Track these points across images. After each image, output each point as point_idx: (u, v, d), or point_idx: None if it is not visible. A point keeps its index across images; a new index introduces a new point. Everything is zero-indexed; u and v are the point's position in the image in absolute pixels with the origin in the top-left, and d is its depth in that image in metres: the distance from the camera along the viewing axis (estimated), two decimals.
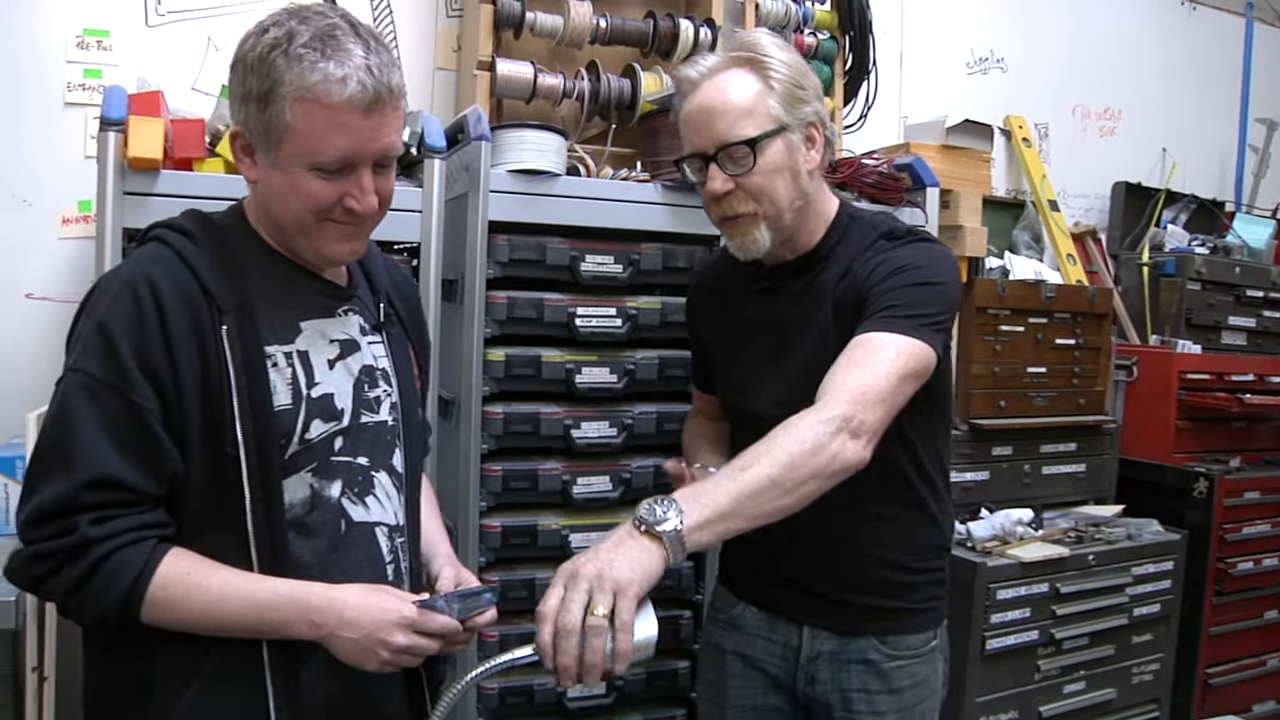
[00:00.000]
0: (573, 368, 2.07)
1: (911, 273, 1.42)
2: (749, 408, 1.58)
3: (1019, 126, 3.35)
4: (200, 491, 1.14)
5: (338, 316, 1.27)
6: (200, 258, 1.17)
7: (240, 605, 1.12)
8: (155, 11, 2.29)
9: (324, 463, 1.21)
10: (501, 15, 2.26)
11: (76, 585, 1.08)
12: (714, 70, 1.47)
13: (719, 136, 1.44)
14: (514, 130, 2.04)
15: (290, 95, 1.10)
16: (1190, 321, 3.21)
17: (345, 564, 1.22)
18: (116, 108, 1.75)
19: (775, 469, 1.20)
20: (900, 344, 1.34)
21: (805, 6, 2.70)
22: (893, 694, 1.56)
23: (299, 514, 1.19)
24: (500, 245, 2.00)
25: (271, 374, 1.16)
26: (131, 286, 1.12)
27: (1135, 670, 2.72)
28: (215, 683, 1.14)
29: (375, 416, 1.27)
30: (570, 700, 2.08)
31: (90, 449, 1.08)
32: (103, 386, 1.09)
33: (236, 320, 1.15)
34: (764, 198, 1.45)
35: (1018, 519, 2.59)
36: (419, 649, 1.16)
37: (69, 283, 2.24)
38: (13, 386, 2.15)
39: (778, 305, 1.58)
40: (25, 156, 2.21)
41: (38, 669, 1.55)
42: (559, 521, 2.06)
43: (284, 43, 1.10)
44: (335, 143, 1.12)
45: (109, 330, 1.10)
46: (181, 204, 1.73)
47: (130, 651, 1.15)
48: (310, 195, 1.15)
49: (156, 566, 1.10)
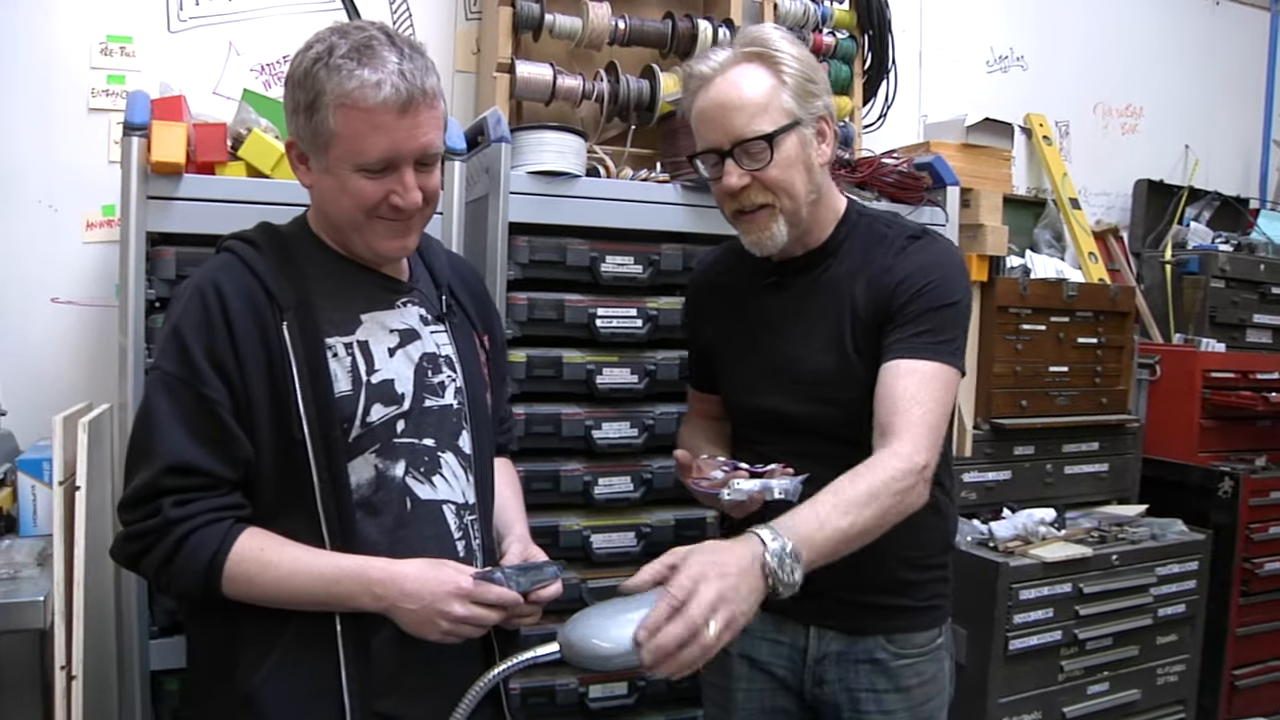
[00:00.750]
0: (594, 368, 2.07)
1: (936, 292, 1.46)
2: (767, 405, 1.58)
3: (1039, 124, 3.33)
4: (272, 476, 1.24)
5: (397, 308, 1.36)
6: (263, 263, 1.27)
7: (308, 579, 1.21)
8: (177, 17, 2.31)
9: (387, 444, 1.29)
10: (520, 17, 2.26)
11: (163, 562, 1.19)
12: (726, 65, 1.47)
13: (735, 132, 1.44)
14: (534, 132, 2.04)
15: (332, 103, 1.20)
16: (1214, 320, 3.19)
17: (412, 540, 1.29)
18: (140, 113, 1.76)
19: (875, 522, 1.27)
20: (945, 376, 1.42)
21: (824, 6, 2.69)
22: (900, 692, 1.56)
23: (365, 494, 1.27)
24: (521, 246, 2.01)
25: (332, 363, 1.26)
26: (201, 293, 1.24)
27: (1160, 671, 2.70)
28: (292, 652, 1.24)
29: (440, 400, 1.35)
30: (592, 701, 2.08)
31: (169, 439, 1.20)
32: (178, 382, 1.21)
33: (297, 316, 1.25)
34: (781, 191, 1.46)
35: (1040, 519, 2.57)
36: (478, 619, 1.22)
37: (94, 286, 2.26)
38: (39, 390, 2.17)
39: (786, 300, 1.58)
40: (50, 162, 2.23)
41: (66, 667, 1.56)
42: (580, 522, 2.07)
43: (325, 56, 1.20)
44: (375, 143, 1.21)
45: (182, 332, 1.22)
46: (204, 207, 1.78)
47: (218, 624, 1.26)
48: (358, 194, 1.24)
49: (232, 544, 1.20)
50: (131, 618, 1.77)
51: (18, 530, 1.86)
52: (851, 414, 1.47)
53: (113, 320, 2.10)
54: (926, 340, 1.42)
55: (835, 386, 1.51)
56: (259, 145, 1.88)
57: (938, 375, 1.41)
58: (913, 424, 1.35)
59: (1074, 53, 3.49)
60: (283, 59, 2.38)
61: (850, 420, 1.47)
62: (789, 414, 1.55)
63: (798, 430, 1.54)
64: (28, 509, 1.86)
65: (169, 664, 1.80)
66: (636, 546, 2.10)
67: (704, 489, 1.48)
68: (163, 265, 1.78)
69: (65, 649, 1.57)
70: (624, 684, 2.11)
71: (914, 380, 1.39)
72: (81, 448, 1.70)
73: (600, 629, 1.12)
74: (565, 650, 1.12)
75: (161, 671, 1.80)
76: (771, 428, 1.57)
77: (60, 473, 1.69)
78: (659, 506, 2.15)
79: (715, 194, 1.53)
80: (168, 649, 1.80)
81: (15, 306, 2.21)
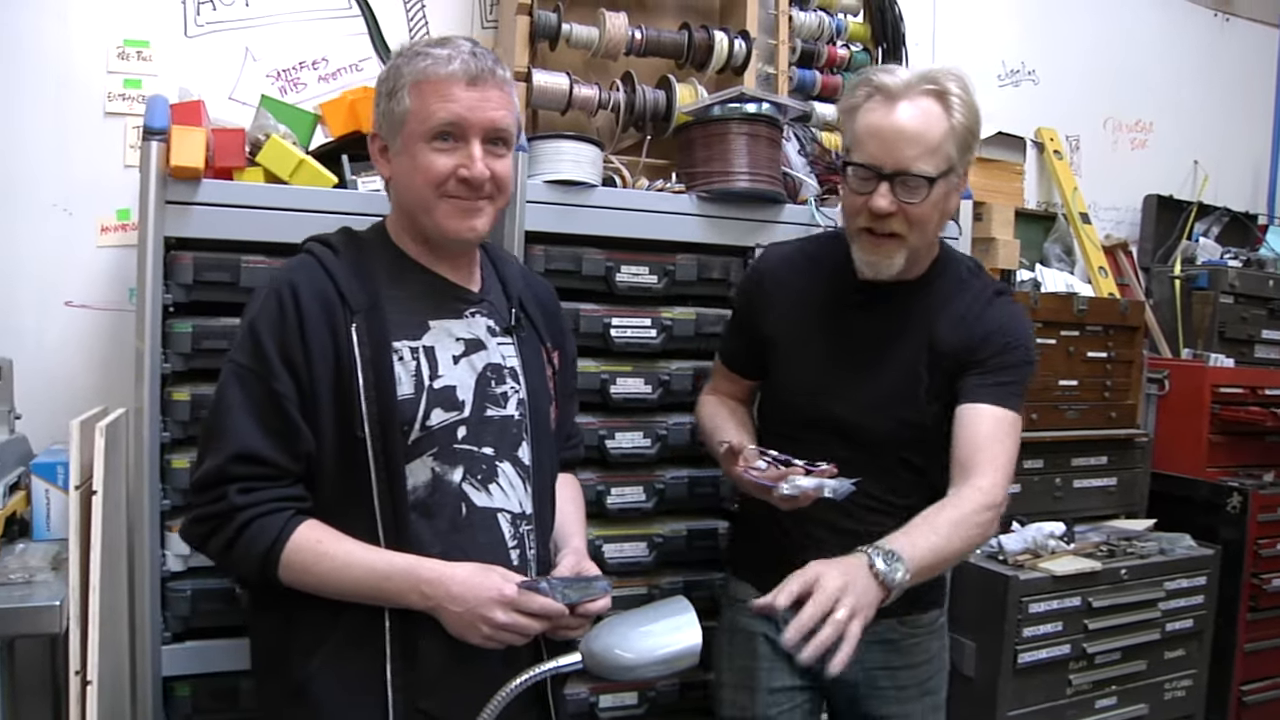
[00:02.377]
0: (607, 378, 2.07)
1: (1022, 351, 1.61)
2: (827, 410, 1.67)
3: (1050, 139, 3.33)
4: (333, 472, 1.29)
5: (465, 318, 1.41)
6: (338, 266, 1.33)
7: (361, 573, 1.26)
8: (194, 22, 2.31)
9: (445, 449, 1.33)
10: (538, 27, 2.26)
11: (227, 546, 1.26)
12: (911, 89, 1.51)
13: (904, 163, 1.49)
14: (550, 141, 2.05)
15: (407, 84, 1.30)
16: (1223, 335, 3.20)
17: (466, 545, 1.33)
18: (159, 117, 1.76)
19: (962, 546, 1.42)
20: (1018, 425, 1.57)
21: (839, 19, 2.69)
22: (911, 668, 1.73)
23: (421, 496, 1.32)
24: (537, 255, 2.01)
25: (396, 366, 1.31)
26: (277, 291, 1.30)
27: (1168, 686, 2.70)
28: (342, 647, 1.29)
29: (501, 411, 1.40)
30: (603, 710, 2.08)
31: (238, 428, 1.26)
32: (250, 375, 1.27)
33: (366, 319, 1.30)
34: (918, 228, 1.55)
35: (1049, 532, 2.57)
36: (520, 627, 1.25)
37: (108, 291, 2.26)
38: (54, 394, 2.16)
39: (868, 320, 1.66)
40: (65, 166, 2.22)
41: (81, 673, 1.56)
42: (594, 532, 2.05)
43: (406, 50, 1.34)
44: (443, 108, 1.29)
45: (257, 328, 1.29)
46: (221, 213, 1.79)
47: (274, 616, 1.33)
48: (428, 168, 1.30)
49: (291, 534, 1.26)
50: (144, 623, 1.76)
51: (31, 534, 1.87)
52: (905, 435, 1.62)
53: (127, 324, 2.10)
54: (1009, 390, 1.57)
55: (899, 408, 1.62)
56: (277, 151, 1.88)
57: (1014, 423, 1.56)
58: (994, 464, 1.50)
59: (1085, 67, 3.49)
60: (299, 65, 2.38)
61: (898, 439, 1.62)
62: (847, 423, 1.64)
63: (849, 440, 1.63)
64: (41, 513, 1.87)
65: (181, 670, 1.79)
66: (649, 556, 2.09)
67: (757, 479, 1.53)
68: (180, 270, 1.77)
69: (80, 654, 1.56)
70: (634, 694, 2.10)
71: (996, 425, 1.53)
72: (99, 452, 1.70)
73: (623, 640, 1.13)
74: (588, 660, 1.13)
75: (173, 677, 1.79)
76: (823, 431, 1.66)
77: (77, 477, 1.69)
78: (671, 517, 2.14)
79: (849, 205, 1.60)
80: (180, 655, 1.79)
81: (30, 310, 2.21)
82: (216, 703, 1.81)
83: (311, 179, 1.89)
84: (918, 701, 1.74)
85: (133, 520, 1.84)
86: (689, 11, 2.54)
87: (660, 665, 1.12)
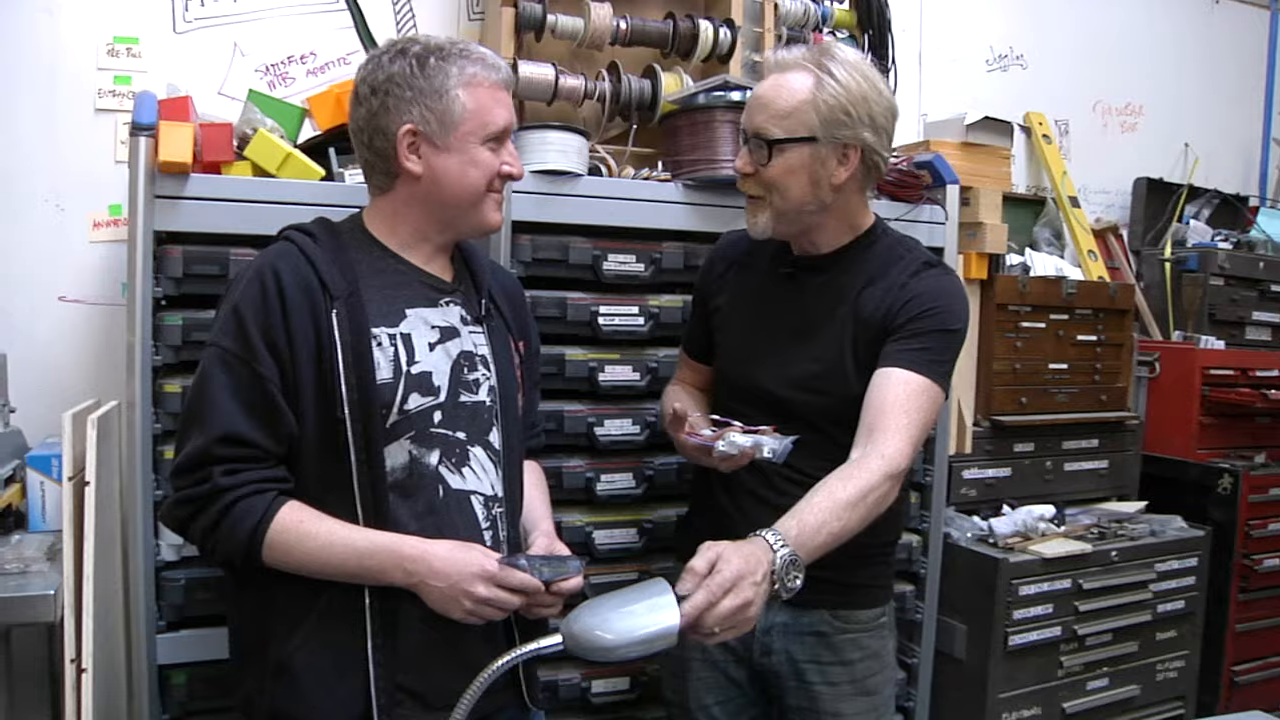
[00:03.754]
0: (596, 366, 2.09)
1: (943, 316, 1.59)
2: (754, 382, 1.69)
3: (1039, 123, 3.35)
4: (314, 453, 1.33)
5: (440, 307, 1.44)
6: (318, 253, 1.36)
7: (343, 551, 1.29)
8: (183, 18, 2.33)
9: (422, 433, 1.37)
10: (523, 18, 2.27)
11: (210, 528, 1.28)
12: (783, 66, 1.59)
13: (755, 126, 1.58)
14: (536, 131, 2.06)
15: (460, 85, 1.36)
16: (1213, 317, 3.21)
17: (442, 526, 1.36)
18: (147, 113, 1.78)
19: (853, 522, 1.39)
20: (933, 393, 1.54)
21: (824, 6, 2.69)
22: (845, 665, 1.68)
23: (399, 477, 1.35)
24: (523, 245, 2.03)
25: (375, 351, 1.34)
26: (260, 276, 1.33)
27: (1160, 667, 2.72)
28: (324, 624, 1.32)
29: (474, 397, 1.44)
30: (595, 695, 2.10)
31: (222, 410, 1.28)
32: (234, 358, 1.30)
33: (346, 305, 1.33)
34: (773, 191, 1.59)
35: (1039, 515, 2.59)
36: (499, 601, 1.29)
37: (100, 285, 2.28)
38: (47, 387, 2.19)
39: (796, 294, 1.69)
40: (57, 162, 2.25)
41: (76, 660, 1.58)
42: (583, 518, 2.08)
43: (432, 52, 1.37)
44: (500, 114, 1.39)
45: (241, 312, 1.31)
46: (210, 206, 1.81)
47: (256, 593, 1.35)
48: (486, 165, 1.39)
49: (275, 515, 1.28)
50: (139, 612, 1.79)
51: (27, 526, 1.89)
52: (834, 406, 1.60)
53: (119, 318, 2.11)
54: (925, 357, 1.54)
55: (825, 379, 1.62)
56: (265, 145, 1.90)
57: (927, 390, 1.52)
58: (899, 430, 1.47)
59: (1073, 52, 3.50)
60: (287, 59, 2.40)
61: (831, 412, 1.60)
62: (777, 396, 1.66)
63: (780, 412, 1.63)
64: (36, 505, 1.89)
65: (176, 658, 1.82)
66: (638, 542, 2.12)
67: (696, 442, 1.58)
68: (170, 264, 1.80)
69: (75, 642, 1.59)
70: (626, 678, 2.13)
71: (905, 390, 1.51)
72: (91, 444, 1.72)
73: (604, 621, 1.14)
74: (569, 642, 1.14)
75: (168, 665, 1.83)
76: (756, 404, 1.67)
77: (69, 468, 1.71)
78: (661, 503, 2.16)
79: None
80: (175, 643, 1.82)
81: (23, 305, 2.24)
82: (211, 690, 1.84)
83: (299, 172, 1.91)
84: (851, 700, 1.68)
85: (126, 511, 1.87)
86: (674, 0, 2.55)
87: (640, 645, 1.14)
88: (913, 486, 2.41)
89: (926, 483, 2.41)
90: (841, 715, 1.68)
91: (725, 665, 1.74)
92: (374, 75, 1.37)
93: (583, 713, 2.12)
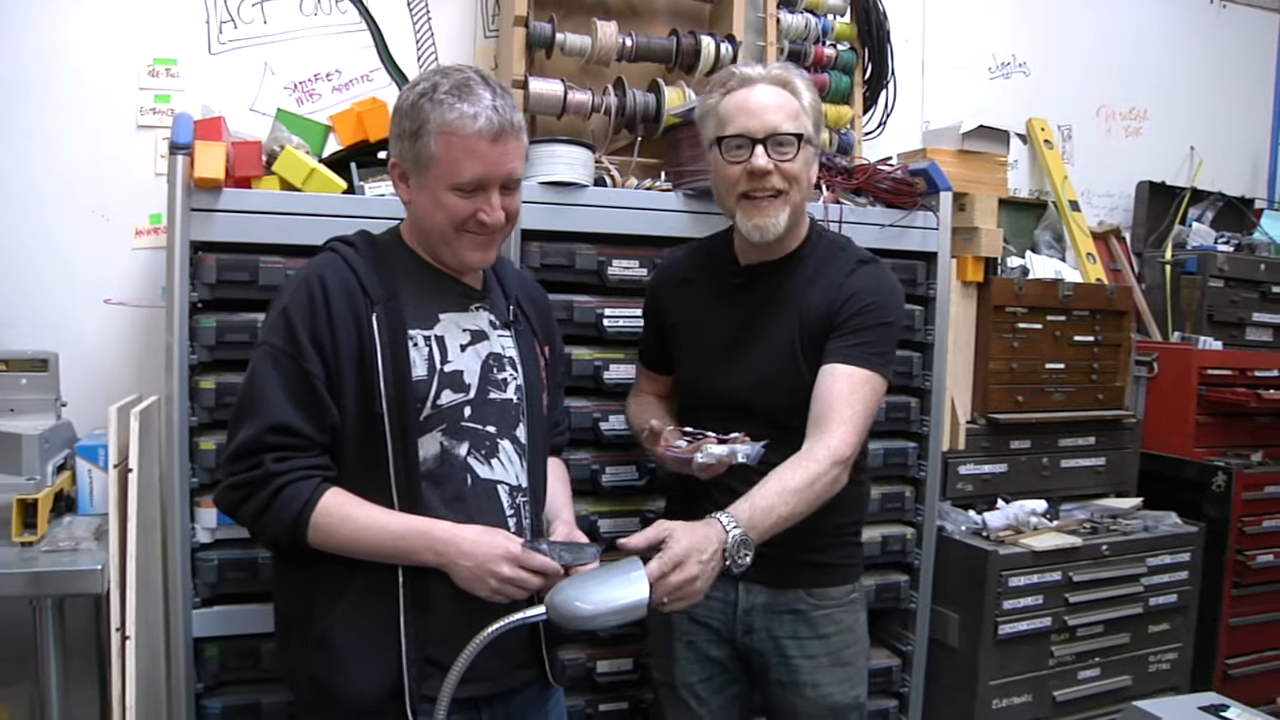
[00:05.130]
0: (601, 364, 2.21)
1: (879, 311, 1.71)
2: (719, 388, 1.80)
3: (1041, 129, 3.41)
4: (355, 443, 1.44)
5: (470, 311, 1.56)
6: (359, 262, 1.48)
7: (380, 534, 1.40)
8: (217, 40, 2.48)
9: (453, 426, 1.48)
10: (534, 36, 2.40)
11: (260, 511, 1.39)
12: (764, 77, 1.72)
13: (773, 125, 1.68)
14: (545, 145, 2.17)
15: (434, 131, 1.41)
16: (1212, 318, 3.25)
17: (471, 512, 1.47)
18: (184, 133, 1.92)
19: (801, 506, 1.53)
20: (874, 383, 1.68)
21: (825, 19, 2.80)
22: (821, 639, 1.81)
23: (431, 466, 1.47)
24: (533, 251, 2.15)
25: (411, 351, 1.45)
26: (308, 283, 1.44)
27: (1152, 659, 2.78)
28: (360, 600, 1.43)
29: (502, 394, 1.55)
30: (600, 675, 2.22)
31: (273, 402, 1.39)
32: (283, 355, 1.41)
33: (385, 309, 1.45)
34: (794, 183, 1.70)
35: (1031, 509, 2.66)
36: (521, 581, 1.39)
37: (142, 289, 2.43)
38: (94, 383, 2.34)
39: (749, 300, 1.80)
40: (103, 175, 2.40)
41: (120, 629, 1.73)
42: (588, 508, 2.19)
43: (429, 92, 1.42)
44: (469, 167, 1.42)
45: (290, 314, 1.42)
46: (241, 218, 1.95)
47: (300, 572, 1.46)
48: (451, 210, 1.44)
49: (319, 499, 1.39)
50: (177, 589, 1.93)
51: (76, 509, 2.04)
52: (794, 403, 1.70)
53: (158, 320, 2.26)
54: (863, 350, 1.67)
55: (782, 379, 1.73)
56: (291, 161, 2.03)
57: (868, 381, 1.66)
58: (844, 421, 1.61)
59: (1076, 58, 3.55)
60: (313, 77, 2.55)
61: (791, 409, 1.69)
62: (741, 400, 1.77)
63: (746, 414, 1.74)
64: (85, 491, 2.04)
65: (209, 632, 1.96)
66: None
67: (676, 454, 1.69)
68: (204, 270, 1.93)
69: (120, 612, 1.73)
70: (629, 659, 2.24)
71: (848, 383, 1.65)
72: (134, 435, 1.87)
73: (583, 594, 1.28)
74: (551, 612, 1.28)
75: (203, 638, 1.96)
76: (724, 409, 1.77)
77: (115, 457, 1.86)
78: (662, 494, 2.24)
79: (727, 177, 1.72)
80: (208, 618, 1.96)
81: (72, 307, 2.38)
82: (241, 661, 1.98)
83: (323, 186, 2.04)
84: (828, 671, 1.80)
85: (165, 496, 2.01)
86: (679, 17, 2.67)
87: (614, 615, 1.27)
88: (907, 481, 2.51)
89: (920, 477, 2.50)
90: (820, 685, 1.80)
91: (706, 646, 1.85)
92: (397, 104, 1.49)
93: (589, 691, 2.23)
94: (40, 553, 1.79)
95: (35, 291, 2.35)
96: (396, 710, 1.41)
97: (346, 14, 2.57)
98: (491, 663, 1.42)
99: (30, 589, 1.73)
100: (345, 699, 1.42)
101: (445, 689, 1.27)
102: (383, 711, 1.42)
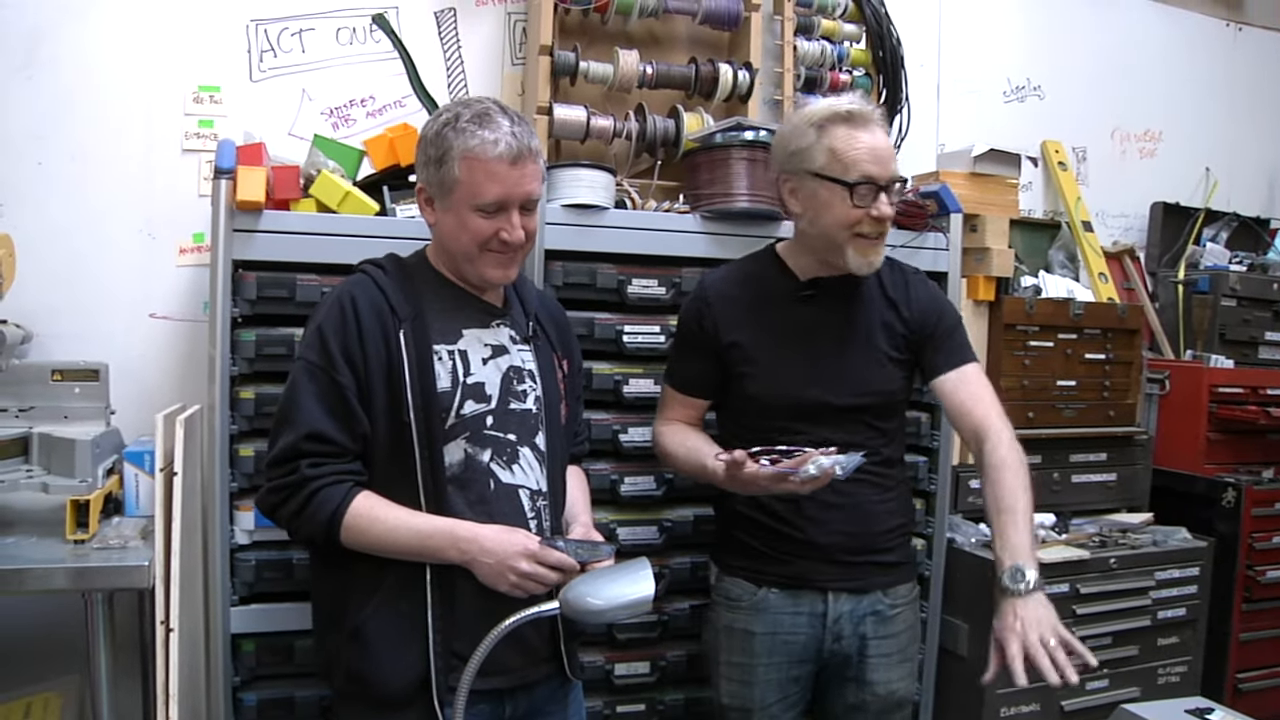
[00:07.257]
0: (620, 379, 2.29)
1: (953, 311, 1.98)
2: (813, 396, 1.87)
3: (1055, 151, 3.46)
4: (384, 451, 1.54)
5: (492, 328, 1.66)
6: (387, 282, 1.58)
7: (407, 534, 1.50)
8: (258, 68, 2.59)
9: (476, 434, 1.58)
10: (558, 65, 2.50)
11: (296, 513, 1.50)
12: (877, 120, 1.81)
13: (894, 173, 1.80)
14: (568, 169, 2.27)
15: (458, 156, 1.52)
16: (1224, 337, 3.27)
17: (493, 514, 1.57)
18: (227, 159, 2.04)
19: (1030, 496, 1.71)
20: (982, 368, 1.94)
21: (841, 46, 2.88)
22: (893, 637, 1.93)
23: (456, 472, 1.56)
24: (555, 270, 2.24)
25: (436, 365, 1.56)
26: (340, 302, 1.55)
27: (1161, 671, 2.79)
28: (391, 597, 1.53)
29: (522, 405, 1.65)
30: (618, 678, 2.29)
31: (309, 413, 1.50)
32: (318, 369, 1.52)
33: (412, 326, 1.55)
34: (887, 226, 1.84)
35: (1040, 523, 2.71)
36: (540, 577, 1.48)
37: (186, 304, 2.54)
38: (141, 393, 2.44)
39: (821, 310, 1.90)
40: (150, 196, 2.51)
41: (165, 622, 1.83)
42: (608, 516, 2.27)
43: (452, 121, 1.53)
44: (491, 189, 1.52)
45: (324, 331, 1.53)
46: (280, 239, 2.06)
47: (334, 570, 1.56)
48: (475, 230, 1.55)
49: (351, 502, 1.49)
50: (216, 587, 2.03)
51: (124, 511, 2.14)
52: (883, 404, 1.89)
53: (202, 333, 2.36)
54: (967, 349, 1.91)
55: (872, 380, 1.87)
56: (327, 184, 2.14)
57: (981, 369, 1.93)
58: (996, 406, 1.82)
59: (1090, 81, 3.58)
60: (349, 103, 2.66)
61: (881, 408, 1.86)
62: (834, 404, 1.86)
63: (839, 418, 1.85)
64: (131, 493, 2.13)
65: (246, 628, 2.06)
66: (659, 539, 2.31)
67: (775, 470, 1.66)
68: (245, 287, 2.04)
69: (164, 606, 1.83)
70: (646, 663, 2.30)
71: (978, 379, 1.88)
72: (178, 441, 1.98)
73: (594, 590, 1.38)
74: (564, 607, 1.37)
75: (240, 635, 2.06)
76: (813, 416, 1.86)
77: (160, 462, 1.97)
78: (680, 504, 2.35)
79: (847, 218, 1.79)
80: (246, 615, 2.06)
81: (120, 321, 2.49)
82: (275, 657, 2.07)
83: (357, 208, 2.15)
84: (898, 667, 1.93)
85: (206, 499, 2.11)
86: (699, 45, 2.76)
87: (623, 610, 1.37)
88: (918, 494, 2.57)
89: (931, 490, 2.56)
90: (890, 681, 1.92)
91: (789, 667, 1.92)
92: (422, 133, 1.60)
93: (608, 692, 2.30)
94: (91, 550, 1.89)
95: (86, 306, 2.46)
96: (424, 701, 1.51)
97: (380, 43, 2.69)
98: (512, 657, 1.53)
99: (82, 583, 1.83)
100: (377, 688, 1.52)
101: (465, 677, 1.35)
102: (412, 702, 1.51)
